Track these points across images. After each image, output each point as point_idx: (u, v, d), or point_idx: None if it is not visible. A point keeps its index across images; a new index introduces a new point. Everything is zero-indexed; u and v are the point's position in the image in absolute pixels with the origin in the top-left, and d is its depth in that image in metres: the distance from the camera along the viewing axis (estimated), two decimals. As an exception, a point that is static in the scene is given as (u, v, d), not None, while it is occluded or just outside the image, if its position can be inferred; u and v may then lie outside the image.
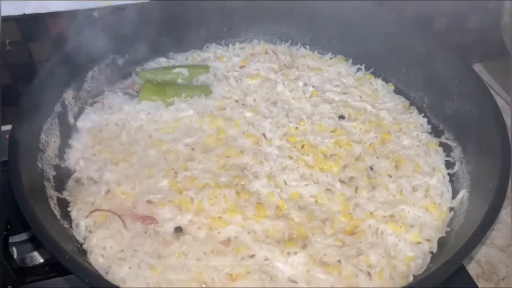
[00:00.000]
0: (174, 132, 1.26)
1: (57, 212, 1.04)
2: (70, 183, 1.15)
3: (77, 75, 1.27)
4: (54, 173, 1.13)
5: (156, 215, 1.07)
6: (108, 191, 1.11)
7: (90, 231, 1.05)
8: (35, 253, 1.18)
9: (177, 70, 1.42)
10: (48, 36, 1.43)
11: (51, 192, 1.07)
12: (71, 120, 1.25)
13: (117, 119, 1.28)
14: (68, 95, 1.24)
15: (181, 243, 1.02)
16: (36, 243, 1.17)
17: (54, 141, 1.17)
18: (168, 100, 1.33)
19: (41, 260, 1.17)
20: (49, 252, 0.85)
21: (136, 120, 1.27)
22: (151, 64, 1.46)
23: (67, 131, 1.23)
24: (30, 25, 1.39)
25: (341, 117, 1.32)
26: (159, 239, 1.03)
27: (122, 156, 1.19)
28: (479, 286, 1.16)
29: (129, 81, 1.41)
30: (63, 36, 1.39)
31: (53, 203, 1.05)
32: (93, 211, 1.07)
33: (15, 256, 1.16)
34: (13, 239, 1.17)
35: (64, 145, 1.21)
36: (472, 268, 1.21)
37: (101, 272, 0.97)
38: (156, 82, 1.39)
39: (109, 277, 0.97)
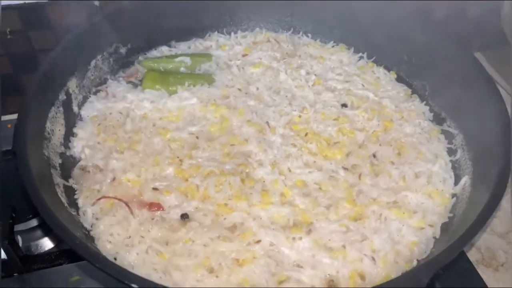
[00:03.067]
0: (178, 120, 1.26)
1: (64, 199, 1.05)
2: (76, 171, 1.15)
3: (80, 64, 1.28)
4: (60, 161, 1.14)
5: (162, 202, 1.08)
6: (114, 179, 1.12)
7: (97, 218, 1.06)
8: (40, 241, 1.20)
9: (179, 58, 1.42)
10: (49, 25, 1.42)
11: (58, 180, 1.08)
12: (76, 109, 1.26)
13: (121, 108, 1.28)
14: (72, 84, 1.24)
15: (187, 229, 1.03)
16: (44, 229, 1.17)
17: (59, 130, 1.17)
18: (171, 89, 1.34)
19: (46, 248, 1.19)
20: (59, 238, 0.86)
21: (140, 109, 1.28)
22: (154, 53, 1.46)
23: (71, 120, 1.23)
24: (31, 14, 1.39)
25: (344, 105, 1.33)
26: (166, 226, 1.04)
27: (127, 144, 1.19)
28: (479, 271, 1.18)
29: (132, 70, 1.41)
30: (64, 25, 1.39)
31: (60, 191, 1.06)
32: (99, 199, 1.08)
33: (20, 244, 1.16)
34: (18, 227, 1.18)
35: (69, 134, 1.21)
36: (472, 254, 1.23)
37: (109, 258, 0.98)
38: (159, 71, 1.39)
39: (117, 263, 0.97)
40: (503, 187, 0.97)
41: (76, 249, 0.82)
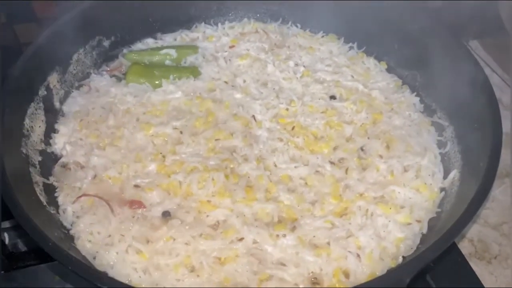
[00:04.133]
0: (162, 115, 1.24)
1: (43, 198, 1.03)
2: (57, 168, 1.14)
3: (61, 58, 1.25)
4: (40, 158, 1.12)
5: (144, 199, 1.06)
6: (95, 176, 1.10)
7: (77, 217, 1.05)
8: (27, 238, 1.18)
9: (165, 51, 1.39)
10: (34, 18, 1.40)
11: (37, 178, 1.06)
12: (57, 104, 1.24)
13: (104, 103, 1.26)
14: (53, 79, 1.22)
15: (169, 227, 1.01)
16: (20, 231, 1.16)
17: (40, 126, 1.16)
18: (155, 82, 1.31)
19: (34, 246, 1.17)
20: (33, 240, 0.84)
21: (123, 103, 1.25)
22: (139, 45, 1.43)
23: (53, 116, 1.21)
24: (16, 7, 1.37)
25: (332, 97, 1.30)
26: (147, 224, 1.03)
27: (109, 140, 1.17)
28: (471, 264, 1.15)
29: (116, 63, 1.38)
30: (49, 18, 1.36)
31: (38, 189, 1.04)
32: (80, 197, 1.06)
33: (6, 241, 1.15)
34: (5, 224, 1.17)
35: (50, 130, 1.19)
36: (465, 247, 1.21)
37: (89, 257, 0.97)
38: (144, 64, 1.36)
39: (97, 263, 0.97)
40: (491, 180, 0.95)
41: (48, 251, 0.81)
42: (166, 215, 1.04)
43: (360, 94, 1.30)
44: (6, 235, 1.16)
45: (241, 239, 1.00)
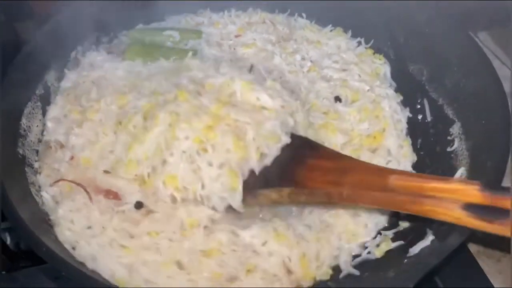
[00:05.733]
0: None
1: (39, 199, 1.02)
2: (41, 148, 1.11)
3: (59, 56, 1.24)
4: (37, 158, 1.11)
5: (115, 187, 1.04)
6: (72, 158, 1.07)
7: (56, 202, 1.02)
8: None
9: (168, 32, 1.36)
10: (33, 15, 1.39)
11: (33, 179, 1.05)
12: (55, 103, 1.22)
13: (96, 77, 1.23)
14: (51, 77, 1.21)
15: (150, 220, 0.99)
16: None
17: (37, 126, 1.14)
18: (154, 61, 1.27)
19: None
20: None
21: (113, 77, 1.22)
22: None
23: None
24: (15, 5, 1.35)
25: (337, 98, 1.26)
26: (126, 218, 1.00)
27: (87, 115, 1.13)
28: (480, 262, 1.13)
29: (116, 41, 1.35)
30: (49, 15, 1.35)
31: (34, 190, 1.03)
32: (57, 181, 1.04)
33: (8, 242, 1.15)
34: (6, 224, 1.16)
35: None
36: (473, 245, 1.17)
37: (67, 246, 0.95)
38: (143, 44, 1.33)
39: (76, 253, 0.95)
40: (499, 181, 0.92)
41: (42, 256, 0.80)
42: (139, 206, 1.02)
43: (367, 99, 1.26)
44: (7, 235, 1.16)
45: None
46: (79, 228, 0.98)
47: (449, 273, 1.08)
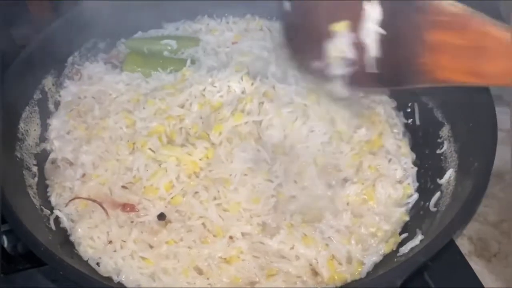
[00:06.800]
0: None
1: (36, 201, 1.04)
2: (47, 166, 1.12)
3: (56, 61, 1.25)
4: (35, 162, 1.12)
5: (133, 201, 1.05)
6: (83, 175, 1.08)
7: (72, 221, 1.04)
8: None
9: (165, 41, 1.36)
10: (30, 20, 1.40)
11: (30, 181, 1.06)
12: (52, 107, 1.23)
13: (96, 91, 1.23)
14: (48, 82, 1.22)
15: (169, 230, 1.00)
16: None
17: (35, 130, 1.15)
18: (153, 73, 1.29)
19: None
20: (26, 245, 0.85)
21: (114, 92, 1.22)
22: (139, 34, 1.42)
23: (48, 119, 1.21)
24: (11, 9, 1.37)
25: None
26: (145, 229, 1.01)
27: (94, 132, 1.14)
28: (470, 263, 1.14)
29: (114, 51, 1.36)
30: (46, 21, 1.37)
31: (32, 192, 1.04)
32: (72, 199, 1.05)
33: (5, 244, 1.16)
34: (4, 227, 1.17)
35: (45, 134, 1.19)
36: (464, 245, 1.19)
37: (91, 263, 0.97)
38: (142, 53, 1.33)
39: (101, 269, 0.97)
40: (486, 180, 0.95)
41: (39, 256, 0.81)
42: (162, 217, 1.03)
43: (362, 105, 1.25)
44: (5, 238, 1.17)
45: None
46: (100, 244, 0.99)
47: (439, 273, 1.09)
